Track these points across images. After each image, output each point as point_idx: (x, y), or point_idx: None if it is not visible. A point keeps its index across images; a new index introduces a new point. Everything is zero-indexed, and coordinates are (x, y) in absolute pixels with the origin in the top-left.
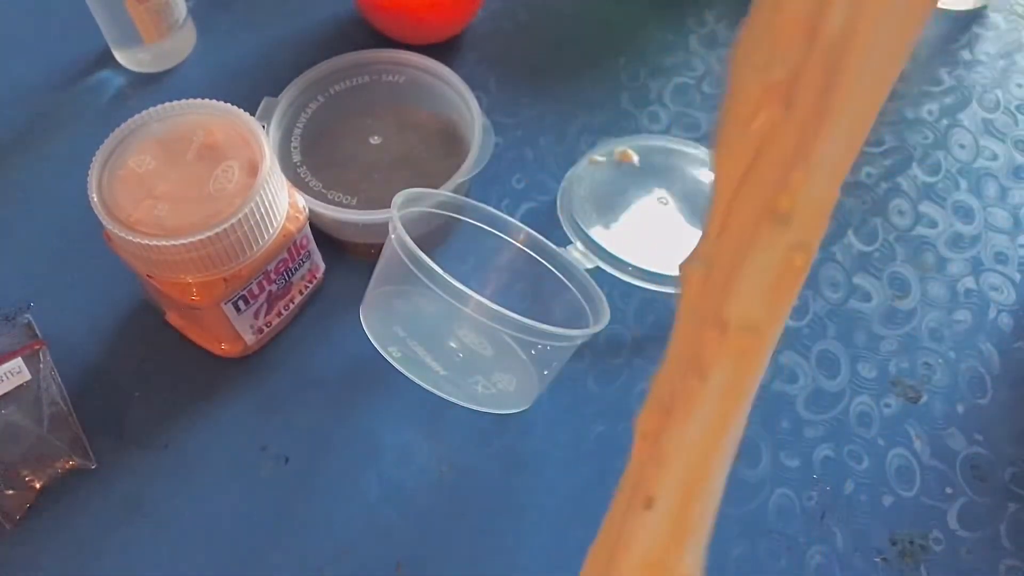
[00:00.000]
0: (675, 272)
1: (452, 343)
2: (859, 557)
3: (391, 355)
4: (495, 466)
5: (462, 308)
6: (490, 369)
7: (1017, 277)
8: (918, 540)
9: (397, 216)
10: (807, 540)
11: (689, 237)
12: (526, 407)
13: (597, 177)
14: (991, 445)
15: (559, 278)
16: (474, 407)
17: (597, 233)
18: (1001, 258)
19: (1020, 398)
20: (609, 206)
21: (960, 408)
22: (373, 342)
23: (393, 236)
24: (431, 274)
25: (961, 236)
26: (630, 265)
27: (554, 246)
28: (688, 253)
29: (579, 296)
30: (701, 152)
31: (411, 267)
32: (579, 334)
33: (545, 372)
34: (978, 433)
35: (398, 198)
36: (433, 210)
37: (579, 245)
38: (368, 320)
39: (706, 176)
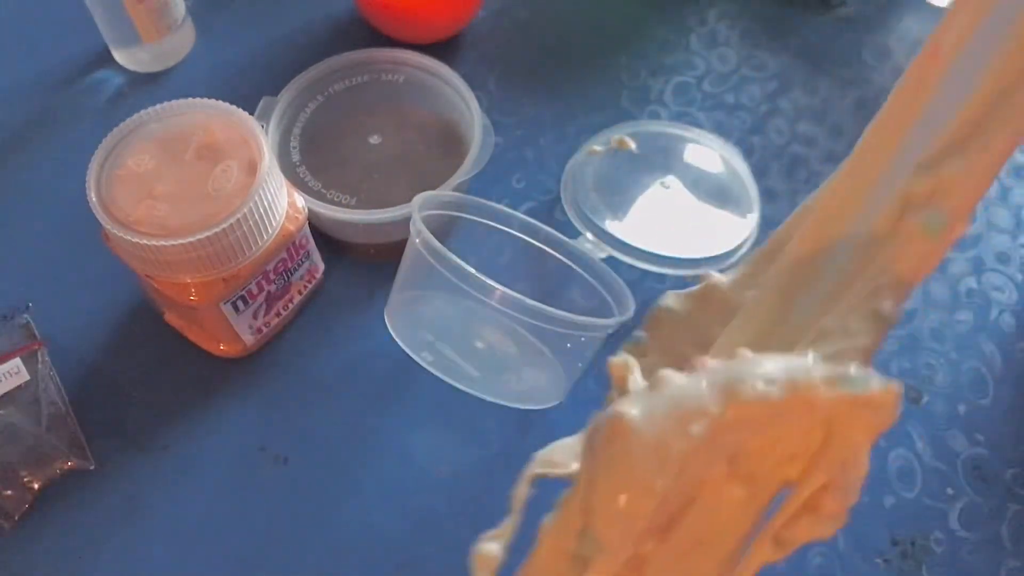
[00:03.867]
0: (687, 255)
1: (479, 343)
2: (860, 558)
3: (424, 360)
4: (495, 466)
5: (487, 307)
6: (519, 366)
7: (1019, 277)
8: (919, 541)
9: (419, 218)
10: None
11: (696, 218)
12: (559, 400)
13: (599, 167)
14: (993, 446)
15: (577, 271)
16: (510, 404)
17: (607, 222)
18: (1003, 258)
19: (1022, 398)
20: (615, 195)
21: (962, 409)
22: (404, 348)
23: (418, 240)
24: (464, 275)
25: (962, 236)
26: (643, 251)
27: (569, 240)
28: (695, 235)
29: (599, 287)
30: (697, 134)
31: (441, 269)
32: (610, 323)
33: (579, 364)
34: (980, 434)
35: (418, 199)
36: (452, 212)
37: (589, 236)
38: (395, 326)
39: (705, 158)
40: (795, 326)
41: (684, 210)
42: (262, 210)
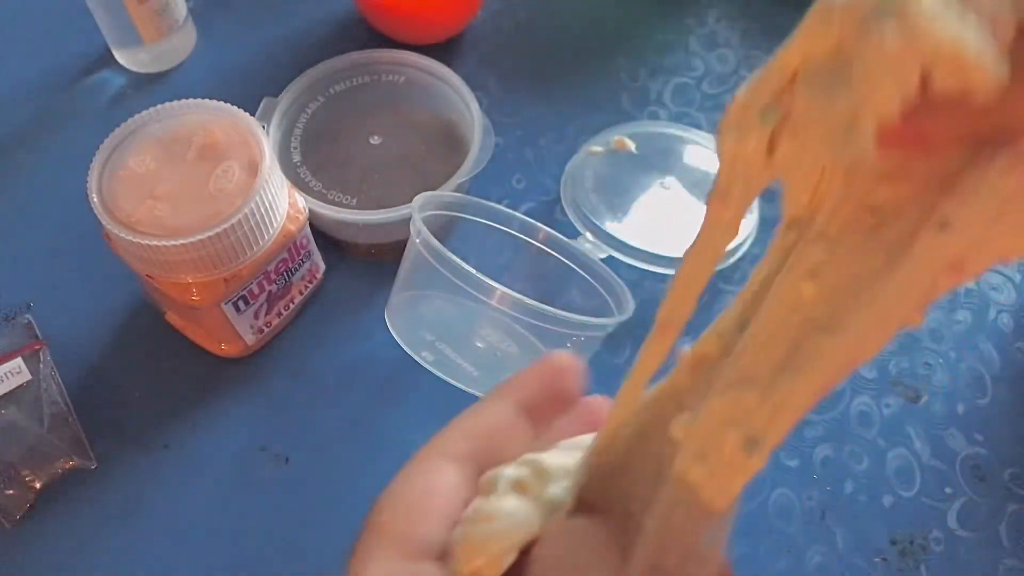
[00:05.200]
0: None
1: (478, 343)
2: (859, 557)
3: (424, 360)
4: None
5: (487, 307)
6: (519, 366)
7: (1017, 277)
8: (918, 540)
9: (420, 219)
10: (807, 540)
11: (695, 218)
12: None
13: (598, 168)
14: (991, 445)
15: (577, 271)
16: None
17: (606, 223)
18: None
19: (1020, 398)
20: (615, 196)
21: (960, 408)
22: (405, 348)
23: (418, 240)
24: (464, 275)
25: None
26: (643, 252)
27: (569, 240)
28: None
29: (599, 287)
30: (696, 135)
31: (441, 269)
32: (610, 323)
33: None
34: (978, 433)
35: (418, 200)
36: (452, 213)
37: (589, 236)
38: (395, 326)
39: (704, 159)
40: None
41: (683, 210)
42: (263, 210)
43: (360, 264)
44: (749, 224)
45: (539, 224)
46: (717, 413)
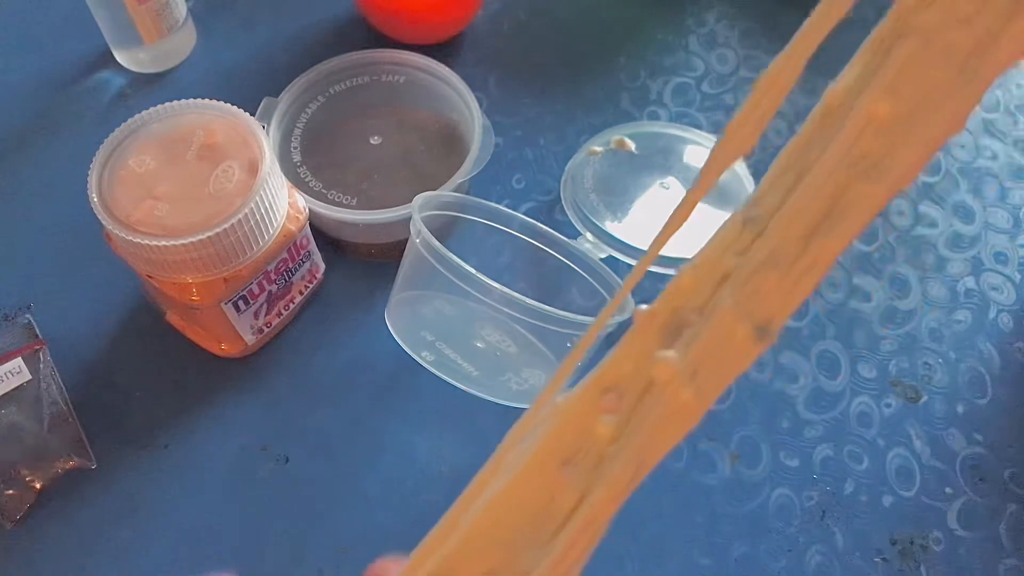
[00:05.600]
0: (687, 255)
1: (478, 343)
2: (859, 557)
3: (424, 359)
4: None
5: (487, 307)
6: (518, 366)
7: (1017, 277)
8: (918, 540)
9: (420, 219)
10: (807, 540)
11: (695, 218)
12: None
13: (598, 168)
14: (991, 445)
15: (577, 271)
16: (510, 404)
17: (606, 223)
18: (1001, 258)
19: (1020, 398)
20: (614, 196)
21: (960, 408)
22: (405, 348)
23: (418, 240)
24: (464, 275)
25: (961, 236)
26: (643, 252)
27: (569, 240)
28: (694, 235)
29: (599, 287)
30: (696, 135)
31: (441, 269)
32: (610, 323)
33: (578, 364)
34: (978, 433)
35: (418, 200)
36: (452, 213)
37: (589, 236)
38: (395, 326)
39: (704, 159)
40: None
41: None
42: (263, 210)
43: (360, 264)
44: None
45: (539, 224)
46: (726, 322)
